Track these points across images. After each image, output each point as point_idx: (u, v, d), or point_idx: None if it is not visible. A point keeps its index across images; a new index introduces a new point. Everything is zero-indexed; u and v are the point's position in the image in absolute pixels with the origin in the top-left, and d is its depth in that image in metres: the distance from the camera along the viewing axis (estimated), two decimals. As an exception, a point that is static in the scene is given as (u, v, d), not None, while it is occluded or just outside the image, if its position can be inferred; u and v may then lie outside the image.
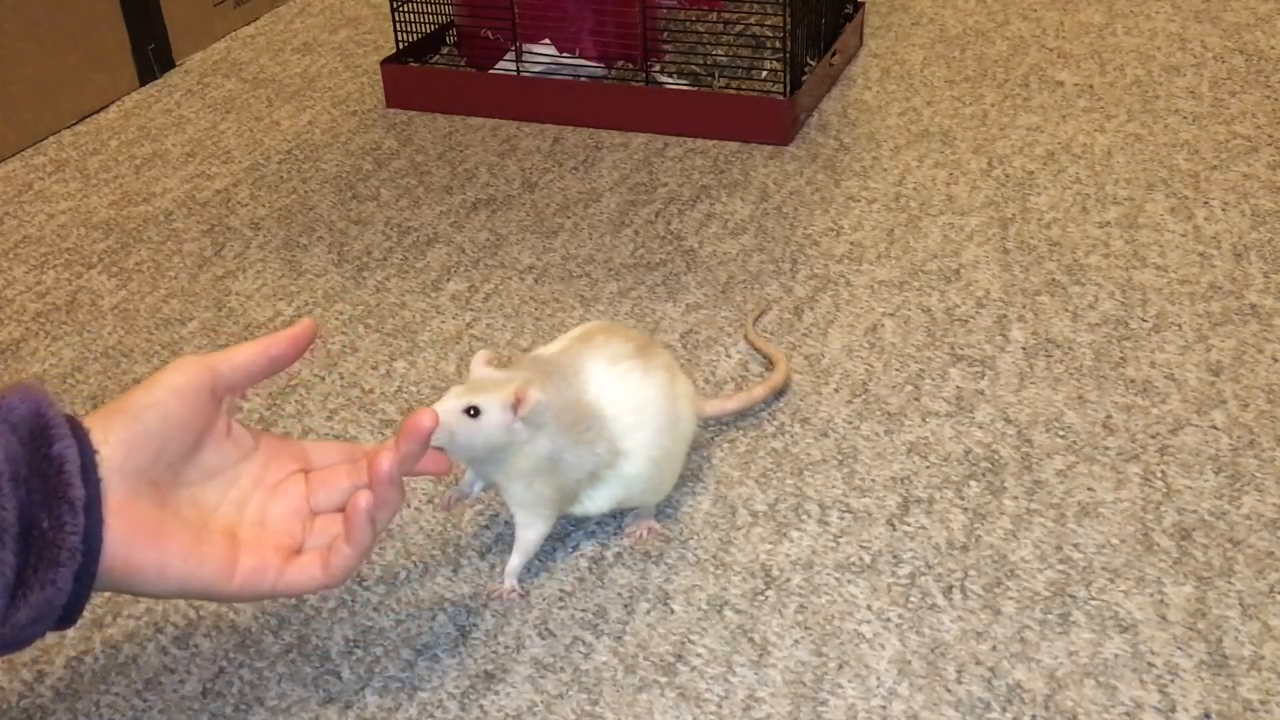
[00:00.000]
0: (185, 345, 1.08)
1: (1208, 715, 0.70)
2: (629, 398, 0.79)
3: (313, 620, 0.79)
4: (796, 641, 0.76)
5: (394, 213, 1.29)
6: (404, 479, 0.67)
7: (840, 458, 0.91)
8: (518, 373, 0.76)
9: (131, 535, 0.59)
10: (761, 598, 0.79)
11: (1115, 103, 1.45)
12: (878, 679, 0.73)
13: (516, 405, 0.73)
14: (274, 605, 0.80)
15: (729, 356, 1.03)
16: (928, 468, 0.90)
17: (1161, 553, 0.81)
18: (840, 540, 0.83)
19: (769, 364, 1.00)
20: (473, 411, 0.73)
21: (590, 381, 0.78)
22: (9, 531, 0.55)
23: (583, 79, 1.45)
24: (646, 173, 1.34)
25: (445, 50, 1.60)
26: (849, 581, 0.80)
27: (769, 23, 1.52)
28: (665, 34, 1.47)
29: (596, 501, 0.81)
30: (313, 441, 0.71)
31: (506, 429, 0.74)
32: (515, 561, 0.80)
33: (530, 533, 0.79)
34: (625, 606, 0.79)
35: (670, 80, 1.45)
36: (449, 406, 0.73)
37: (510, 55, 1.48)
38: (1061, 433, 0.92)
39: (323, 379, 1.03)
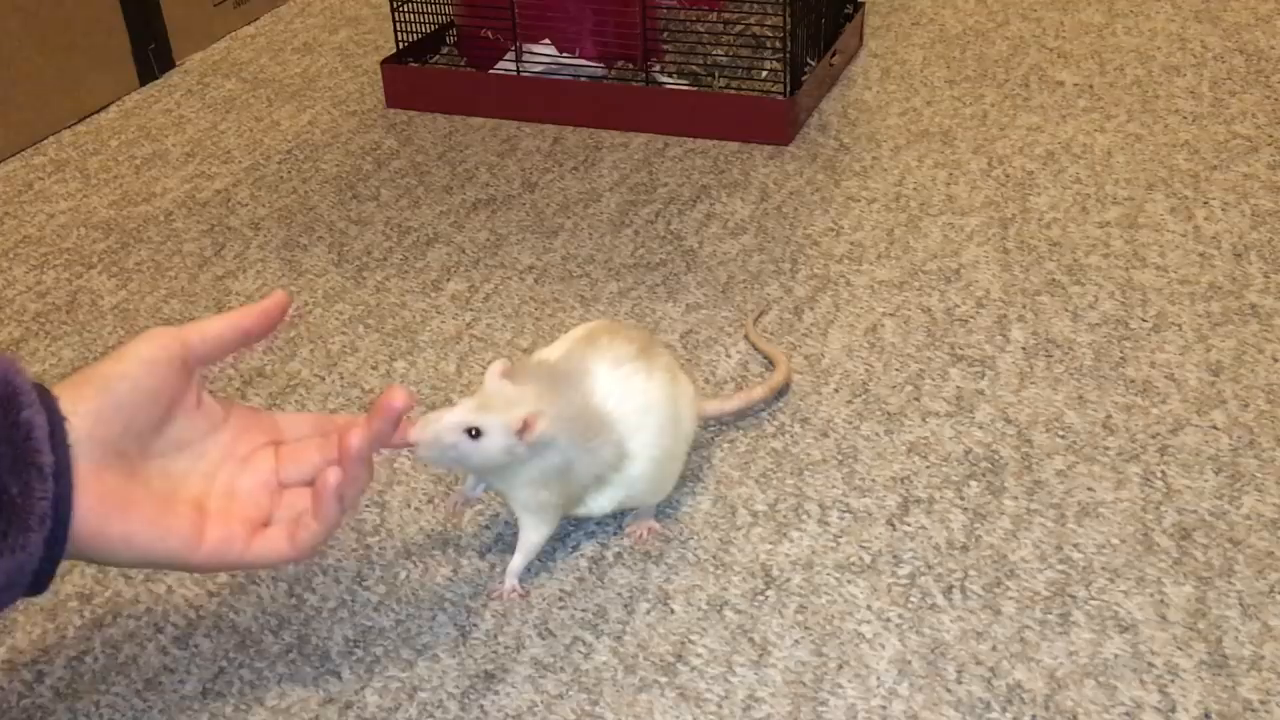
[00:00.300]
0: (185, 345, 1.08)
1: (1208, 715, 0.70)
2: (633, 399, 0.79)
3: (313, 620, 0.79)
4: (796, 641, 0.76)
5: (394, 213, 1.29)
6: (377, 457, 0.68)
7: (840, 458, 0.91)
8: (528, 391, 0.75)
9: (99, 505, 0.59)
10: (761, 598, 0.79)
11: (1115, 103, 1.45)
12: (878, 679, 0.73)
13: (522, 431, 0.73)
14: (274, 605, 0.80)
15: (729, 356, 1.03)
16: (928, 468, 0.90)
17: (1161, 553, 0.81)
18: (840, 540, 0.83)
19: (770, 364, 1.00)
20: (474, 433, 0.73)
21: (597, 386, 0.78)
22: None
23: (583, 79, 1.45)
24: (646, 173, 1.34)
25: (445, 50, 1.60)
26: (849, 581, 0.80)
27: (769, 23, 1.52)
28: (665, 34, 1.47)
29: (600, 503, 0.81)
30: (284, 413, 0.71)
31: (507, 451, 0.74)
32: (517, 562, 0.80)
33: (534, 535, 0.79)
34: (625, 606, 0.79)
35: (670, 80, 1.45)
36: (451, 423, 0.72)
37: (510, 55, 1.48)
38: (1061, 433, 0.92)
39: (323, 379, 1.03)
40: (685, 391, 0.85)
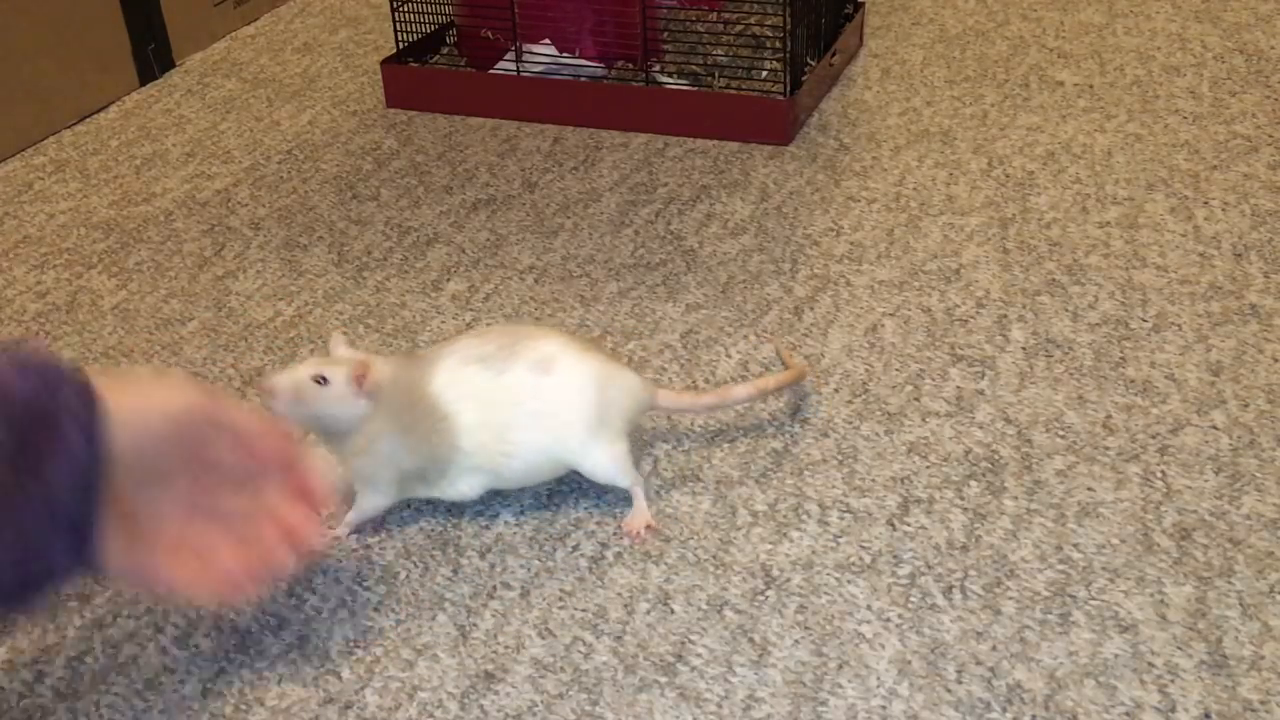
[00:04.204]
0: (185, 345, 1.08)
1: (1208, 715, 0.70)
2: (474, 396, 0.82)
3: (313, 620, 0.79)
4: (796, 641, 0.76)
5: (394, 213, 1.28)
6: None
7: (840, 458, 0.91)
8: (372, 357, 0.82)
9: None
10: (761, 598, 0.79)
11: (1115, 103, 1.45)
12: (878, 679, 0.73)
13: (360, 379, 0.79)
14: (274, 605, 0.80)
15: (729, 356, 1.03)
16: (928, 468, 0.90)
17: (1161, 553, 0.81)
18: (840, 540, 0.83)
19: (785, 368, 0.99)
20: (321, 380, 0.79)
21: (437, 378, 0.82)
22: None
23: (583, 79, 1.45)
24: (646, 173, 1.34)
25: (445, 50, 1.60)
26: (849, 581, 0.80)
27: (769, 23, 1.52)
28: (665, 34, 1.47)
29: (459, 489, 0.84)
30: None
31: (350, 400, 0.80)
32: (351, 517, 0.85)
33: (365, 501, 0.84)
34: (625, 606, 0.79)
35: (670, 80, 1.45)
36: (300, 374, 0.79)
37: (510, 55, 1.48)
38: (1061, 433, 0.92)
39: (323, 379, 1.03)
40: (563, 384, 0.83)
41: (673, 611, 0.78)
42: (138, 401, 0.62)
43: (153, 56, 1.64)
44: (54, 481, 0.56)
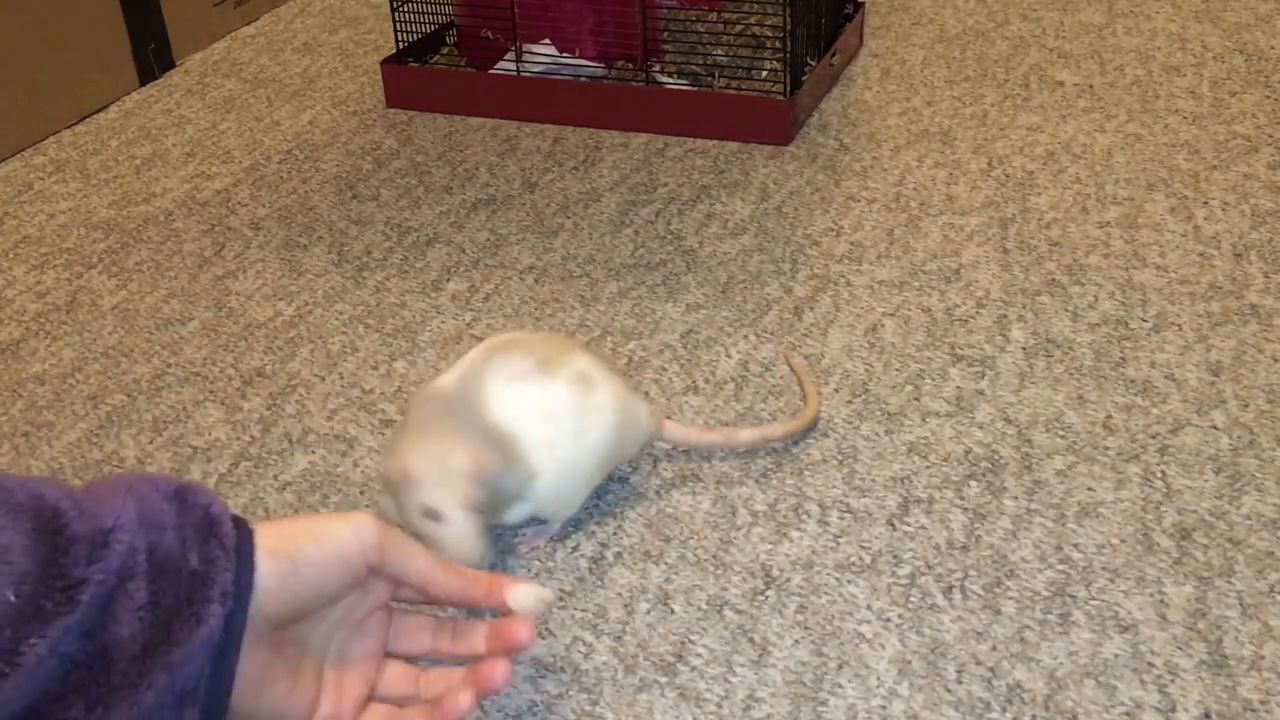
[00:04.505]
0: (185, 345, 1.08)
1: (1208, 715, 0.70)
2: (533, 413, 0.78)
3: (313, 620, 0.79)
4: (796, 641, 0.76)
5: (394, 213, 1.29)
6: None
7: (840, 458, 0.91)
8: (448, 446, 0.73)
9: (245, 674, 0.55)
10: (761, 598, 0.79)
11: (1115, 103, 1.45)
12: (878, 679, 0.73)
13: (478, 471, 0.72)
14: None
15: (729, 356, 1.03)
16: (928, 468, 0.90)
17: (1161, 553, 0.81)
18: (840, 540, 0.83)
19: (803, 396, 0.97)
20: (434, 516, 0.72)
21: (493, 402, 0.77)
22: (139, 576, 0.52)
23: (583, 79, 1.45)
24: (646, 173, 1.34)
25: (445, 50, 1.60)
26: (849, 581, 0.80)
27: (769, 23, 1.52)
28: (665, 34, 1.47)
29: (512, 515, 0.80)
30: (408, 554, 0.65)
31: (472, 516, 0.72)
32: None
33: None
34: (625, 606, 0.79)
35: (670, 80, 1.45)
36: (473, 539, 0.71)
37: (510, 55, 1.48)
38: (1061, 433, 0.92)
39: (323, 379, 1.03)
40: (601, 403, 0.81)
41: (673, 611, 0.78)
42: (296, 557, 0.56)
43: (153, 56, 1.64)
44: (179, 670, 0.52)
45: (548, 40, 1.47)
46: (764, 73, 1.45)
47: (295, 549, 0.56)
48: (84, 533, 0.51)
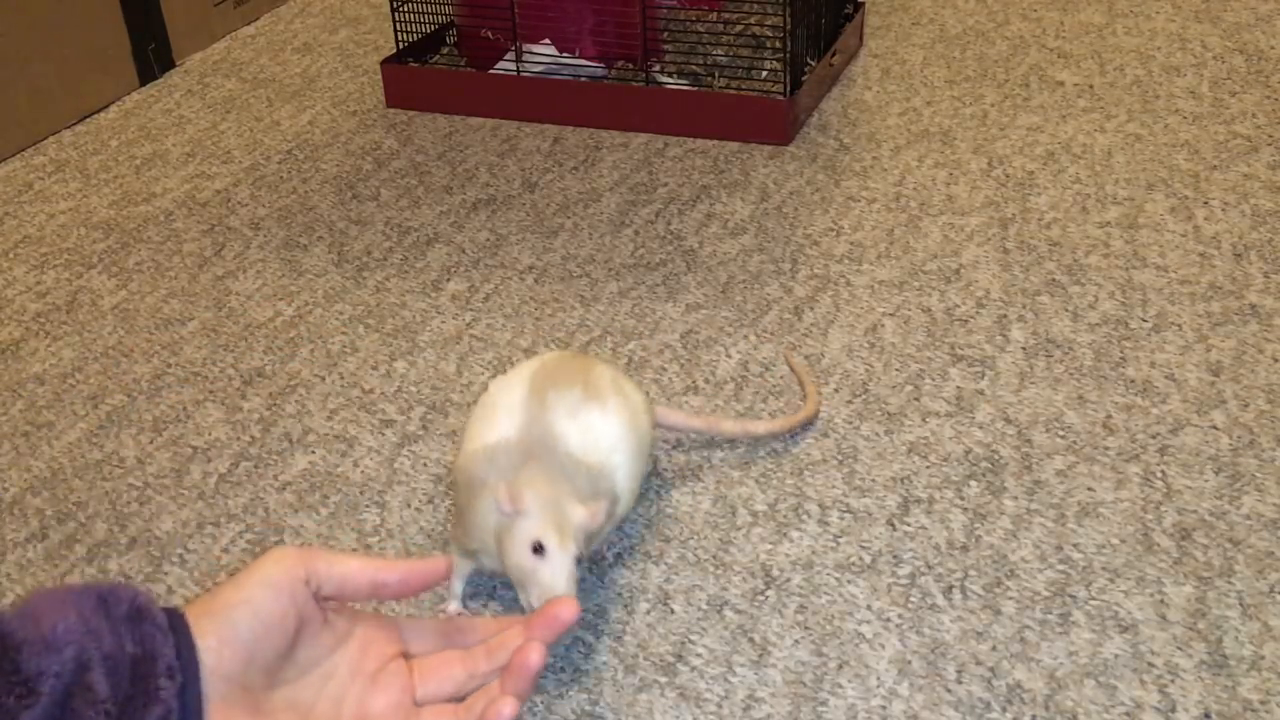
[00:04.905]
0: (185, 345, 1.08)
1: (1208, 715, 0.70)
2: (602, 437, 0.77)
3: (313, 620, 0.79)
4: (796, 641, 0.76)
5: (394, 213, 1.29)
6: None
7: (840, 458, 0.91)
8: (559, 492, 0.72)
9: None
10: (761, 598, 0.79)
11: (1115, 103, 1.45)
12: (878, 679, 0.73)
13: (592, 519, 0.71)
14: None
15: (729, 356, 1.03)
16: (928, 468, 0.90)
17: (1161, 553, 0.81)
18: (840, 540, 0.83)
19: (804, 396, 0.97)
20: (539, 550, 0.70)
21: (572, 441, 0.75)
22: (95, 667, 0.50)
23: (583, 79, 1.45)
24: (646, 173, 1.34)
25: (445, 50, 1.60)
26: (849, 581, 0.80)
27: (769, 23, 1.52)
28: (665, 34, 1.47)
29: (593, 544, 0.78)
30: (407, 619, 0.64)
31: (571, 556, 0.71)
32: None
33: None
34: (625, 606, 0.79)
35: (670, 80, 1.45)
36: (570, 575, 0.70)
37: (510, 55, 1.48)
38: (1061, 433, 0.92)
39: (323, 379, 1.03)
40: (635, 408, 0.81)
41: (673, 611, 0.78)
42: (212, 620, 0.55)
43: (153, 56, 1.64)
44: None
45: (548, 40, 1.47)
46: (764, 73, 1.45)
47: (219, 600, 0.55)
48: (32, 637, 0.50)
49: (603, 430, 0.77)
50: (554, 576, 0.69)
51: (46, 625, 0.51)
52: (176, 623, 0.53)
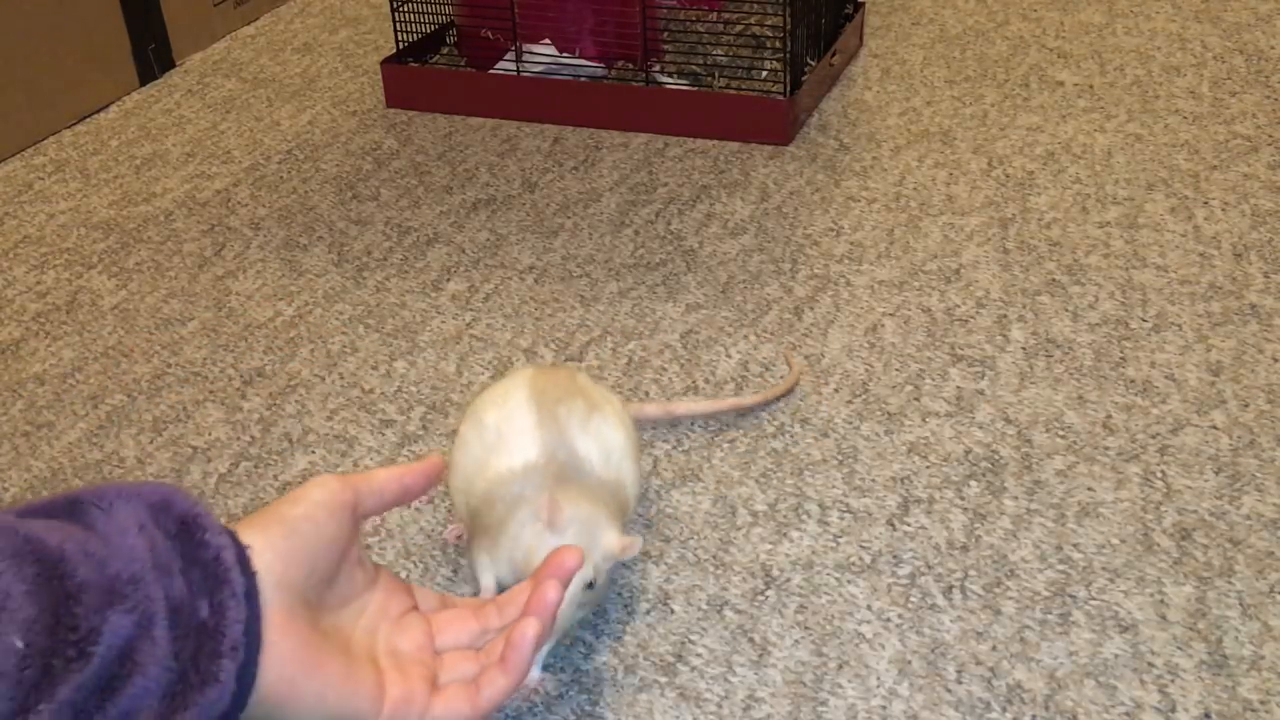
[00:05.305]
0: (185, 345, 1.08)
1: (1208, 715, 0.70)
2: (613, 449, 0.76)
3: (313, 620, 0.79)
4: (796, 641, 0.76)
5: (394, 213, 1.29)
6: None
7: (840, 458, 0.91)
8: (599, 514, 0.71)
9: (295, 656, 0.54)
10: (761, 598, 0.79)
11: (1115, 103, 1.45)
12: (878, 679, 0.73)
13: (622, 553, 0.70)
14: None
15: (729, 356, 1.03)
16: (928, 468, 0.90)
17: (1161, 553, 0.81)
18: (840, 540, 0.83)
19: (787, 388, 0.98)
20: (590, 585, 0.70)
21: (593, 458, 0.74)
22: (159, 622, 0.49)
23: (583, 79, 1.45)
24: (646, 173, 1.34)
25: (445, 50, 1.60)
26: (849, 581, 0.80)
27: (769, 23, 1.52)
28: (665, 34, 1.47)
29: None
30: (416, 586, 0.67)
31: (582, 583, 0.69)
32: (543, 652, 0.74)
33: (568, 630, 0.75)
34: (625, 606, 0.79)
35: (670, 80, 1.45)
36: (573, 592, 0.68)
37: (510, 55, 1.48)
38: (1061, 433, 0.92)
39: (323, 379, 1.03)
40: (620, 409, 0.80)
41: (673, 611, 0.78)
42: (280, 528, 0.56)
43: (153, 56, 1.64)
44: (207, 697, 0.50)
45: (548, 40, 1.47)
46: (764, 73, 1.45)
47: (281, 513, 0.57)
48: (94, 579, 0.48)
49: (613, 442, 0.76)
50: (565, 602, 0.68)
51: (113, 562, 0.49)
52: (251, 588, 0.53)
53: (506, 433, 0.75)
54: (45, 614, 0.46)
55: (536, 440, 0.74)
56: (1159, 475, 0.88)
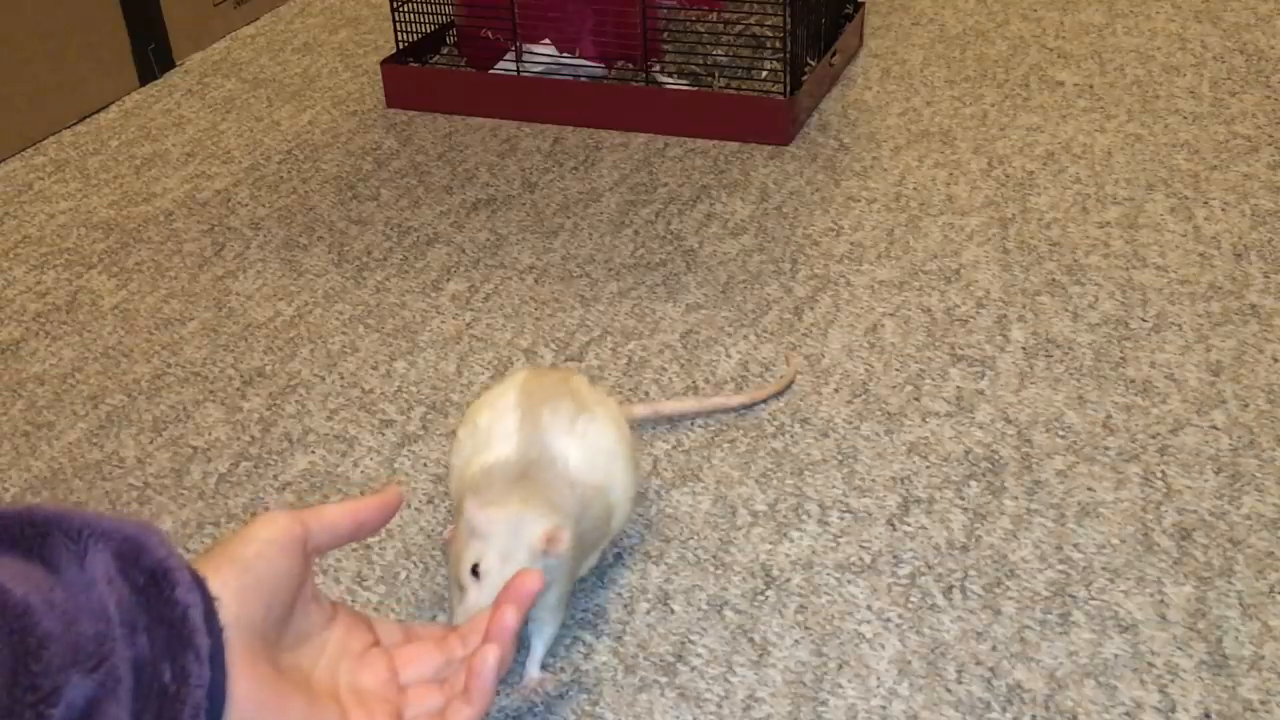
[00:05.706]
0: (185, 345, 1.08)
1: (1208, 715, 0.70)
2: (599, 452, 0.75)
3: (313, 620, 0.79)
4: (796, 641, 0.76)
5: (394, 213, 1.29)
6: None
7: (840, 458, 0.91)
8: (526, 511, 0.69)
9: (256, 696, 0.54)
10: (761, 598, 0.79)
11: (1115, 103, 1.45)
12: (878, 679, 0.73)
13: (548, 547, 0.69)
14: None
15: (729, 356, 1.03)
16: (928, 468, 0.90)
17: (1161, 553, 0.81)
18: (840, 540, 0.83)
19: (781, 386, 0.98)
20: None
21: (570, 458, 0.74)
22: (123, 685, 0.48)
23: (583, 79, 1.45)
24: (646, 173, 1.34)
25: (445, 50, 1.60)
26: (849, 581, 0.80)
27: (769, 23, 1.52)
28: (665, 34, 1.47)
29: (589, 562, 0.78)
30: (373, 616, 0.67)
31: (547, 572, 0.67)
32: (539, 652, 0.74)
33: (552, 627, 0.74)
34: (625, 606, 0.79)
35: (670, 80, 1.45)
36: (491, 587, 0.67)
37: (510, 55, 1.48)
38: (1061, 433, 0.92)
39: (323, 379, 1.03)
40: (618, 415, 0.80)
41: (673, 611, 0.78)
42: (233, 567, 0.55)
43: (153, 56, 1.64)
44: None
45: (548, 40, 1.47)
46: (764, 73, 1.45)
47: (233, 551, 0.56)
48: (57, 631, 0.46)
49: (601, 444, 0.76)
50: (479, 601, 0.68)
51: (80, 619, 0.48)
52: (216, 650, 0.52)
53: (492, 432, 0.75)
54: (4, 671, 0.44)
55: (514, 439, 0.74)
56: (1159, 475, 0.88)
